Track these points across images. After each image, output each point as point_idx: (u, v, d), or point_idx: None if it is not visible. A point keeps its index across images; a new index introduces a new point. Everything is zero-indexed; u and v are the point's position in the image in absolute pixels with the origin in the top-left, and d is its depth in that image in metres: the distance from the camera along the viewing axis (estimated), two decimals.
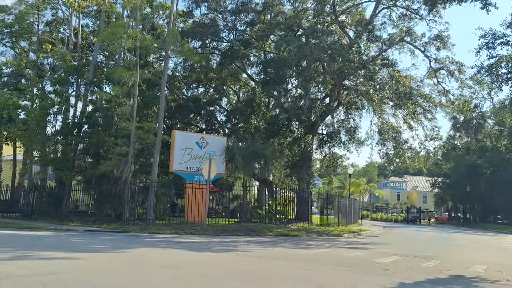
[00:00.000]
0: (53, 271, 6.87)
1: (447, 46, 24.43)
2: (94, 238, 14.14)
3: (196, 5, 31.35)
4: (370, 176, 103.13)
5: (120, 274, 7.16)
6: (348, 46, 21.31)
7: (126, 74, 21.13)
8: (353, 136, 28.67)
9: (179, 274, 7.42)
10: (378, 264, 9.96)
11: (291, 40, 21.78)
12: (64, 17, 27.92)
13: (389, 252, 13.31)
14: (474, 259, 12.63)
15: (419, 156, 28.93)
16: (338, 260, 10.62)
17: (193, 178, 22.78)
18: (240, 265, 8.90)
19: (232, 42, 30.75)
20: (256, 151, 23.87)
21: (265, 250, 12.39)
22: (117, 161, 20.54)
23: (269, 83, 25.44)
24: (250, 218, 24.53)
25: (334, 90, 25.25)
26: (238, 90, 37.58)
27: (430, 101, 26.82)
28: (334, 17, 26.08)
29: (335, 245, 15.34)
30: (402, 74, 25.05)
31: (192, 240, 14.87)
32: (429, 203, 77.44)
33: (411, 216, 52.62)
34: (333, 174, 61.53)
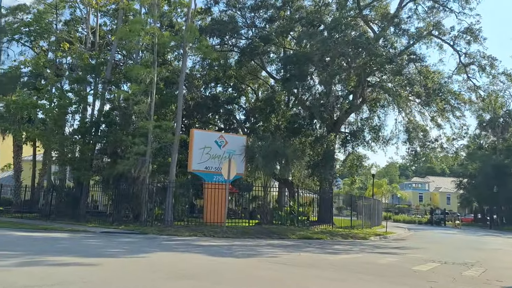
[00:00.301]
0: (61, 281, 6.22)
1: (478, 39, 23.13)
2: (110, 241, 13.57)
3: (215, 1, 30.79)
4: (391, 177, 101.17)
5: (134, 284, 6.47)
6: (374, 40, 20.28)
7: (143, 71, 20.67)
8: (377, 135, 27.57)
9: (199, 284, 6.69)
10: (417, 273, 9.04)
11: (314, 34, 20.92)
12: (82, 16, 27.69)
13: (424, 258, 12.32)
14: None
15: (448, 156, 27.62)
16: (371, 268, 9.72)
17: (212, 178, 22.14)
18: (265, 273, 8.11)
19: (252, 39, 30.06)
20: (277, 150, 23.10)
21: (290, 255, 11.59)
22: (134, 160, 20.08)
23: (290, 80, 24.61)
24: (271, 220, 23.77)
25: (358, 86, 24.21)
26: (257, 89, 36.87)
27: (459, 98, 25.54)
28: (358, 11, 25.05)
29: (364, 250, 14.40)
30: (430, 70, 23.86)
31: (212, 244, 14.17)
32: (452, 204, 75.30)
33: (435, 218, 50.95)
34: (357, 175, 60.20)
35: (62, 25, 28.58)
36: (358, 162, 29.87)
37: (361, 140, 28.28)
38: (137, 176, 20.50)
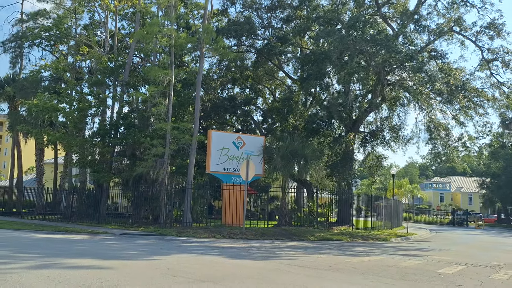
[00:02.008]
0: (80, 284, 6.17)
1: (501, 34, 22.40)
2: (129, 243, 13.59)
3: (231, 2, 30.80)
4: (411, 177, 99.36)
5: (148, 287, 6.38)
6: (393, 37, 19.86)
7: (161, 73, 20.75)
8: (397, 134, 27.04)
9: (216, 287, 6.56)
10: (443, 276, 8.72)
11: (332, 31, 20.62)
12: (100, 20, 28.02)
13: (449, 260, 11.94)
14: None
15: (471, 155, 26.90)
16: (393, 270, 9.42)
17: (230, 179, 22.07)
18: (285, 277, 7.93)
19: (268, 39, 29.91)
20: (295, 151, 22.88)
21: (310, 258, 11.37)
22: (153, 162, 20.18)
23: (308, 79, 24.35)
24: (290, 221, 23.57)
25: (378, 85, 23.78)
26: (274, 90, 36.71)
27: (482, 95, 24.83)
28: (376, 9, 24.63)
29: (386, 252, 14.06)
30: (451, 67, 23.28)
31: (231, 245, 14.05)
32: (474, 204, 73.60)
33: (457, 219, 49.81)
34: (377, 175, 59.39)
35: (81, 29, 29.02)
36: (377, 162, 29.30)
37: (381, 139, 27.80)
38: (155, 177, 20.61)
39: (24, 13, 29.97)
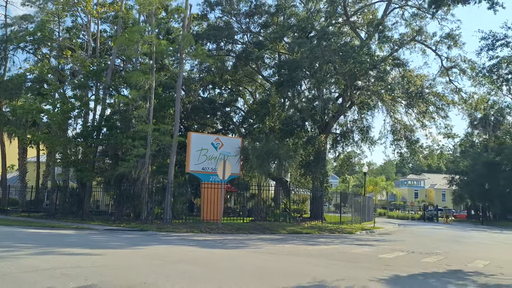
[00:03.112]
0: (75, 265, 7.56)
1: (458, 44, 24.47)
2: (113, 236, 14.91)
3: (210, 8, 32.07)
4: (388, 174, 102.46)
5: (135, 268, 7.81)
6: (358, 48, 21.61)
7: (142, 78, 21.94)
8: (365, 136, 28.89)
9: (189, 268, 8.03)
10: (381, 259, 10.39)
11: (303, 43, 22.22)
12: (83, 24, 28.97)
13: (396, 249, 13.67)
14: (480, 255, 12.88)
15: (433, 154, 28.97)
16: (342, 255, 11.07)
17: (209, 178, 23.47)
18: (248, 260, 9.45)
19: (247, 44, 31.33)
20: (270, 151, 24.38)
21: (275, 247, 12.91)
22: (135, 162, 21.35)
23: (283, 84, 25.92)
24: (265, 217, 25.08)
25: (347, 90, 25.57)
26: (254, 91, 38.16)
27: (443, 99, 26.87)
28: (346, 18, 26.37)
29: (344, 242, 15.75)
30: (413, 74, 25.23)
31: (207, 238, 15.49)
32: (447, 201, 76.58)
33: (428, 214, 52.30)
34: (349, 173, 61.67)
35: (64, 32, 29.87)
36: (348, 161, 31.13)
37: (351, 140, 29.62)
38: (137, 177, 21.82)
39: (8, 16, 30.67)
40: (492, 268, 9.85)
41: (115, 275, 6.80)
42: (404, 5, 25.61)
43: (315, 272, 7.88)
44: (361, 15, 28.67)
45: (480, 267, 10.00)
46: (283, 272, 7.85)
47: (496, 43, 13.29)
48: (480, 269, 9.52)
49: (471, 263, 10.66)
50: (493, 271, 9.23)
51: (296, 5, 31.87)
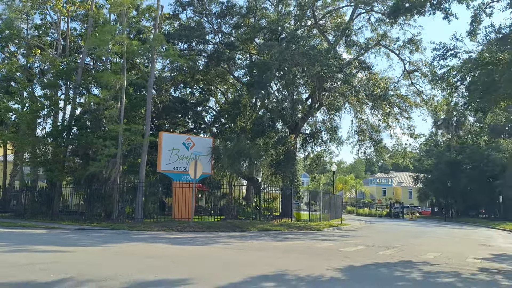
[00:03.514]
0: (52, 261, 7.91)
1: (419, 49, 25.79)
2: (84, 235, 15.13)
3: (182, 8, 32.26)
4: (357, 173, 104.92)
5: (109, 263, 8.22)
6: (325, 51, 22.48)
7: (113, 78, 22.04)
8: (333, 136, 29.91)
9: (161, 262, 8.51)
10: (341, 253, 11.15)
11: (273, 46, 22.89)
12: (52, 22, 28.64)
13: (358, 243, 14.53)
14: (433, 248, 13.88)
15: (397, 153, 30.30)
16: (307, 250, 11.78)
17: (180, 177, 23.79)
18: (216, 254, 10.01)
19: (218, 45, 31.73)
20: (241, 151, 24.92)
21: (244, 243, 13.50)
22: (106, 162, 21.43)
23: (254, 85, 26.50)
24: (236, 215, 25.62)
25: (315, 92, 26.44)
26: (226, 91, 38.58)
27: (406, 101, 28.19)
28: (315, 22, 27.24)
29: (311, 238, 16.51)
30: (378, 77, 26.37)
31: (178, 236, 15.91)
32: (414, 198, 79.29)
33: (394, 211, 54.24)
34: (319, 172, 63.08)
35: (33, 30, 29.42)
36: (317, 160, 32.09)
37: (319, 140, 30.58)
38: (108, 176, 21.93)
39: None
40: (440, 259, 10.78)
41: (91, 269, 7.21)
42: (370, 10, 26.70)
43: (280, 263, 8.51)
44: (330, 19, 29.63)
45: (430, 258, 10.91)
46: (250, 264, 8.44)
47: (446, 54, 14.37)
48: (429, 260, 10.41)
49: (423, 255, 11.58)
50: (440, 262, 10.14)
51: (267, 7, 32.55)
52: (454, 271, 8.55)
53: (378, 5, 26.95)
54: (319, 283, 6.72)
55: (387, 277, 7.66)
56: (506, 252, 13.71)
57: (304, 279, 6.90)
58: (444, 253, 12.21)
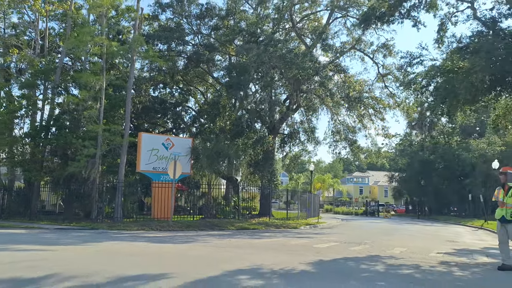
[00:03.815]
0: (37, 259, 8.23)
1: (392, 53, 26.82)
2: (64, 235, 15.33)
3: (162, 9, 32.48)
4: (336, 172, 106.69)
5: (91, 260, 8.59)
6: (302, 55, 23.16)
7: (93, 79, 22.16)
8: (311, 136, 30.68)
9: (141, 259, 8.93)
10: (314, 249, 11.76)
11: (251, 48, 23.43)
12: (30, 21, 28.44)
13: (331, 240, 15.21)
14: (401, 244, 14.68)
15: (371, 153, 31.32)
16: (282, 246, 12.36)
17: (160, 177, 24.08)
18: (195, 252, 10.47)
19: (198, 46, 32.06)
20: (220, 151, 25.40)
21: (222, 241, 13.99)
22: (85, 162, 21.57)
23: (233, 86, 26.99)
24: (215, 214, 26.08)
25: (293, 94, 27.12)
26: (206, 91, 38.94)
27: (381, 103, 29.19)
28: (292, 25, 27.90)
29: (287, 236, 17.13)
30: (353, 80, 27.27)
31: (157, 235, 16.27)
32: (389, 197, 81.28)
33: (370, 209, 55.68)
34: (297, 171, 64.10)
35: (10, 29, 29.14)
36: (295, 160, 32.83)
37: (297, 140, 31.31)
38: (87, 176, 22.06)
39: None
40: (406, 253, 11.52)
41: (74, 266, 7.58)
42: (345, 15, 27.56)
43: (255, 259, 9.04)
44: (307, 22, 30.37)
45: (397, 253, 11.64)
46: (227, 260, 8.94)
47: (413, 61, 15.22)
48: (395, 254, 11.14)
49: (390, 250, 12.32)
50: (405, 256, 10.87)
51: (246, 10, 33.11)
52: (415, 264, 9.25)
53: (353, 9, 27.88)
54: (290, 275, 7.28)
55: (353, 269, 8.29)
56: (469, 247, 14.61)
57: (276, 272, 7.45)
58: (410, 248, 12.98)
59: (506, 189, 9.03)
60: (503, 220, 8.99)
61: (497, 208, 9.22)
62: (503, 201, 8.94)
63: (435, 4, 15.36)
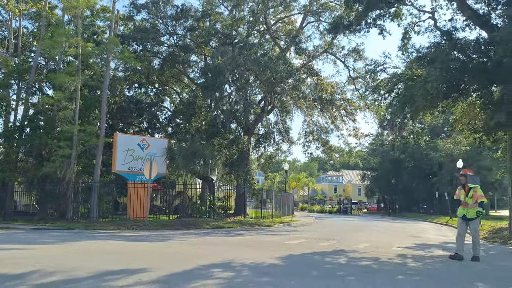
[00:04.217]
0: (18, 257, 8.60)
1: (362, 58, 27.94)
2: (42, 235, 15.54)
3: (137, 10, 32.57)
4: (311, 171, 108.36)
5: (71, 257, 9.02)
6: (276, 58, 23.91)
7: (68, 79, 22.24)
8: (285, 137, 31.52)
9: (120, 256, 9.41)
10: (285, 245, 12.48)
11: (226, 52, 24.00)
12: (3, 20, 28.14)
13: (303, 237, 15.97)
14: (367, 239, 15.59)
15: (344, 153, 32.43)
16: (255, 243, 13.02)
17: (135, 177, 24.35)
18: (171, 249, 11.00)
19: (173, 47, 32.35)
20: (196, 151, 25.85)
21: (197, 239, 14.54)
22: (60, 162, 21.66)
23: (208, 87, 27.46)
24: (191, 214, 26.54)
25: (267, 95, 27.86)
26: (181, 91, 39.19)
27: (352, 104, 30.29)
28: (267, 28, 28.62)
29: (260, 233, 17.82)
30: (325, 82, 28.24)
31: (134, 234, 16.66)
32: (362, 195, 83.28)
33: (343, 207, 57.08)
34: (273, 171, 64.99)
35: None
36: (270, 160, 33.62)
37: (272, 141, 32.11)
38: (63, 177, 22.14)
39: None
40: (369, 248, 12.37)
41: (56, 263, 7.99)
42: (318, 19, 28.49)
43: (228, 255, 9.65)
44: (282, 25, 31.15)
45: (361, 247, 12.48)
46: (202, 256, 9.52)
47: (377, 69, 16.21)
48: (359, 249, 11.97)
49: (356, 245, 13.16)
50: (368, 250, 11.71)
51: (221, 12, 33.59)
52: (375, 256, 10.07)
53: (326, 13, 28.86)
54: (259, 268, 7.93)
55: (318, 262, 9.02)
56: (429, 242, 15.65)
57: (247, 265, 8.09)
58: (374, 243, 13.87)
59: (467, 190, 10.21)
60: (465, 218, 10.18)
61: (460, 206, 10.39)
62: (465, 201, 10.13)
63: (399, 14, 16.37)
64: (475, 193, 10.03)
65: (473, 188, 10.11)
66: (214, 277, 6.91)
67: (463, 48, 12.59)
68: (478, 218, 10.17)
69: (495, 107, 13.04)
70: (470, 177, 10.25)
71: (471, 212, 10.03)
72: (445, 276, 7.91)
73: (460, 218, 10.34)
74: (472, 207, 10.02)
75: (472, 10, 14.40)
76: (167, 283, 6.32)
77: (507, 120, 12.89)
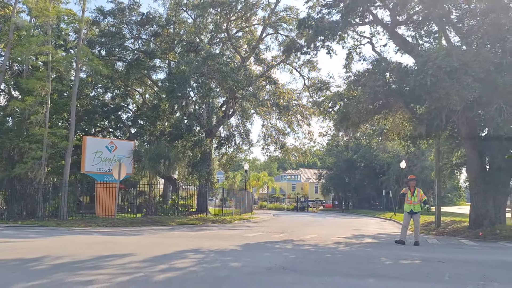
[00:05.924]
0: (23, 247, 10.33)
1: (316, 68, 30.82)
2: (23, 231, 16.93)
3: (103, 16, 33.72)
4: (271, 170, 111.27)
5: (67, 247, 10.83)
6: (237, 68, 26.16)
7: (39, 85, 23.41)
8: (245, 139, 33.85)
9: (108, 246, 11.31)
10: (244, 237, 14.75)
11: (190, 61, 25.95)
12: None
13: (259, 230, 18.30)
14: (315, 232, 18.14)
15: (299, 154, 35.20)
16: (217, 236, 15.20)
17: (103, 178, 25.84)
18: (147, 241, 12.98)
19: (138, 52, 33.77)
20: (161, 153, 27.65)
21: (166, 233, 16.53)
22: (32, 164, 22.86)
23: (173, 92, 29.20)
24: (156, 212, 28.24)
25: (229, 101, 30.05)
26: (144, 92, 40.54)
27: (307, 110, 33.03)
28: (228, 38, 30.79)
29: (222, 228, 20.00)
30: (282, 90, 30.84)
31: (107, 230, 18.34)
32: (319, 193, 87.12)
33: (300, 205, 60.20)
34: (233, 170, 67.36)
35: None
36: (231, 161, 35.85)
37: (233, 143, 34.34)
38: (34, 177, 23.33)
39: None
40: (314, 238, 14.87)
41: (57, 251, 9.81)
42: (275, 31, 31.00)
43: (196, 244, 11.77)
44: (243, 34, 33.40)
45: (307, 238, 14.96)
46: (174, 244, 11.58)
47: (322, 87, 18.86)
48: (305, 239, 14.43)
49: (304, 236, 15.63)
50: (311, 239, 14.19)
51: (185, 19, 35.35)
52: (316, 243, 12.54)
53: (283, 26, 31.42)
54: (222, 252, 10.14)
55: (269, 247, 11.35)
56: (366, 234, 18.41)
57: (213, 251, 10.27)
58: (319, 235, 16.41)
59: (412, 191, 13.48)
60: (411, 212, 13.41)
61: (405, 203, 13.71)
62: (411, 200, 13.38)
63: (343, 38, 19.05)
64: (419, 193, 13.33)
65: (417, 189, 13.37)
66: (188, 258, 9.04)
67: (390, 73, 15.34)
68: (420, 212, 13.43)
69: (418, 121, 15.92)
70: (416, 182, 13.86)
71: (416, 207, 13.29)
72: (363, 254, 10.44)
73: (406, 212, 13.51)
74: (417, 203, 13.26)
75: (401, 38, 17.29)
76: (154, 261, 8.39)
77: (427, 132, 15.87)
